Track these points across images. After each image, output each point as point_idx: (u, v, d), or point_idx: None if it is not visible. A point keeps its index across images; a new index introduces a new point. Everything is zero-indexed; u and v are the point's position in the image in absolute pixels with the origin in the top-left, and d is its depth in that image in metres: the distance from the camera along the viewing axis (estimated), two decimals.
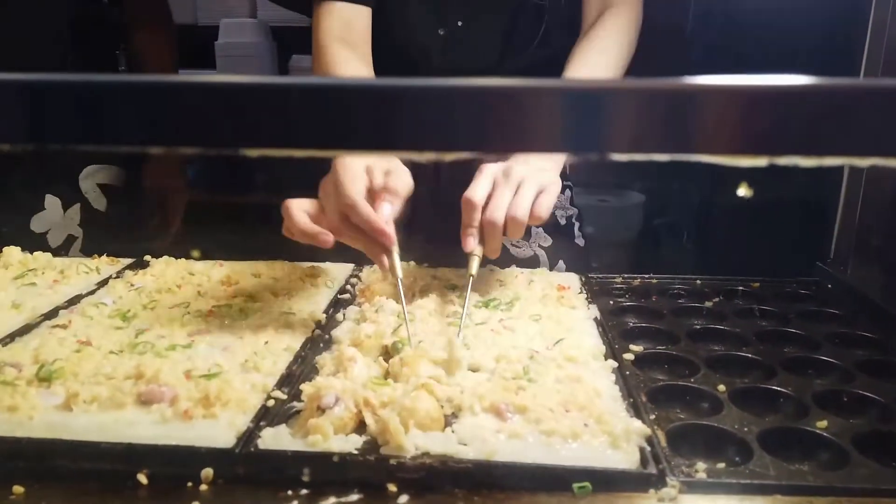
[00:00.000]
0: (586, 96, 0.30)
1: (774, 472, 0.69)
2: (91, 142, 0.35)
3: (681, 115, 0.28)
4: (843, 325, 1.09)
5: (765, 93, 0.28)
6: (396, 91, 0.31)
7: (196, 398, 0.79)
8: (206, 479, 0.70)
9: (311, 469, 0.70)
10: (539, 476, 0.69)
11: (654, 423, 0.78)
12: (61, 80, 0.34)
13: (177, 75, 0.34)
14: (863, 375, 0.91)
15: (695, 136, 0.28)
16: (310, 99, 0.31)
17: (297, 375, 0.89)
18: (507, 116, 0.29)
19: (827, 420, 0.79)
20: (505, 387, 0.83)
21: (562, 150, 0.31)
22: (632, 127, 0.29)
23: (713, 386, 0.87)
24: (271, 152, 0.33)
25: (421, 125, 0.31)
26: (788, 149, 0.28)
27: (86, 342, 0.95)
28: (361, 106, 0.32)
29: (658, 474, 0.69)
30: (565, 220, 1.49)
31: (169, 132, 0.35)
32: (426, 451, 0.71)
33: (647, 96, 0.29)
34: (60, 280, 1.22)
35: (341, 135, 0.32)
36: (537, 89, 0.30)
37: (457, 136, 0.31)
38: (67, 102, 0.35)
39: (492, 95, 0.30)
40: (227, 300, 1.12)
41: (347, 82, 0.31)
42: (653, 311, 1.14)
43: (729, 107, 0.28)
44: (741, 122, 0.28)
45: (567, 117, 0.30)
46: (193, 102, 0.34)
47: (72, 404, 0.79)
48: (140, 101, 0.35)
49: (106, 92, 0.34)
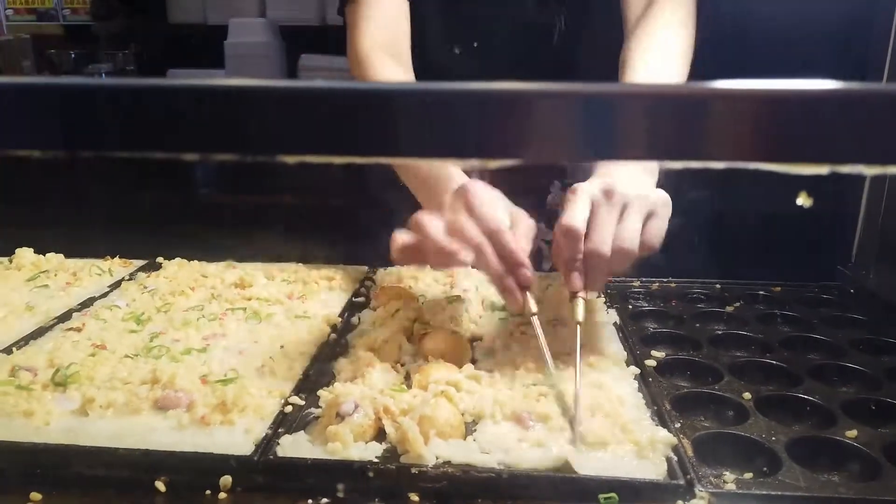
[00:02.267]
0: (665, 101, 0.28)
1: (805, 482, 0.68)
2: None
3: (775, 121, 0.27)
4: (867, 330, 1.07)
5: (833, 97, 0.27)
6: (462, 96, 0.30)
7: (213, 404, 0.78)
8: (224, 487, 0.69)
9: (331, 477, 0.69)
10: (564, 486, 0.68)
11: (680, 431, 0.76)
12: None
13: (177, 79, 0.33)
14: (890, 383, 0.89)
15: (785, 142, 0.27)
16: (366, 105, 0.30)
17: (313, 380, 0.88)
18: (569, 122, 0.28)
19: (856, 429, 0.77)
20: (525, 394, 0.82)
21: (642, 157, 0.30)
22: (717, 132, 0.27)
23: (738, 393, 0.85)
24: (325, 159, 0.32)
25: (484, 130, 0.30)
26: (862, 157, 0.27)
27: (100, 346, 0.94)
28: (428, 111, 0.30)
29: (686, 485, 0.67)
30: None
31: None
32: (447, 460, 0.70)
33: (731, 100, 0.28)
34: (73, 282, 1.21)
35: (404, 141, 0.31)
36: (615, 93, 0.28)
37: (528, 143, 0.29)
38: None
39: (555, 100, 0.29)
40: (242, 303, 1.11)
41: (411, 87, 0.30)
42: (673, 316, 1.12)
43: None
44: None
45: (645, 122, 0.28)
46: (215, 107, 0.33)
47: (88, 409, 0.78)
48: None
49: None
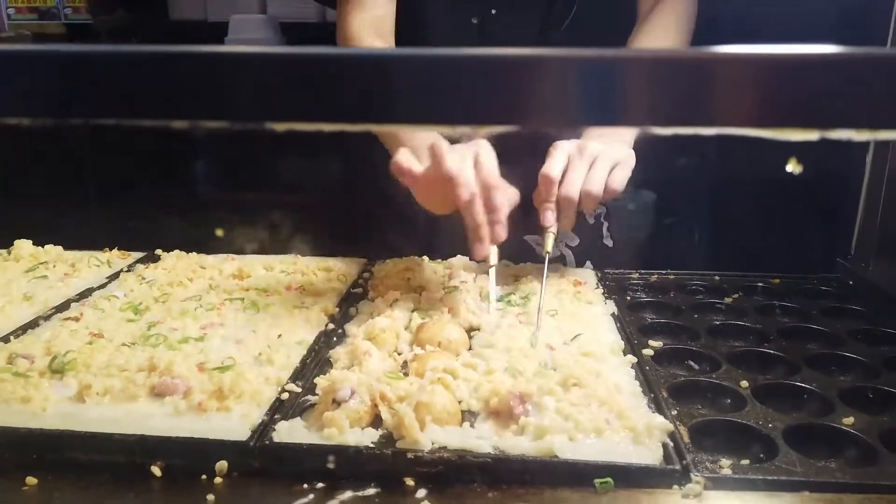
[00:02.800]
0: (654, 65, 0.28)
1: (802, 468, 0.68)
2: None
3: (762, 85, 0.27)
4: (866, 321, 1.07)
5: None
6: (462, 61, 0.30)
7: (210, 391, 0.78)
8: (220, 472, 0.69)
9: (326, 462, 0.69)
10: (560, 471, 0.68)
11: (677, 418, 0.76)
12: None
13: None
14: (888, 372, 0.89)
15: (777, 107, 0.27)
16: (360, 70, 0.30)
17: (311, 369, 0.88)
18: (560, 87, 0.28)
19: (854, 416, 0.77)
20: (524, 381, 0.81)
21: (624, 124, 0.30)
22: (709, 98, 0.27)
23: (735, 382, 0.85)
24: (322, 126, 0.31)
25: (480, 97, 0.30)
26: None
27: (98, 334, 0.94)
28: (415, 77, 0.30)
29: (682, 470, 0.67)
30: (593, 220, 1.45)
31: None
32: (443, 446, 0.70)
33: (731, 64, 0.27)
34: (71, 273, 1.21)
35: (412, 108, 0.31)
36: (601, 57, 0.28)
37: (516, 108, 0.29)
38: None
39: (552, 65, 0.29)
40: (240, 293, 1.11)
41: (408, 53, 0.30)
42: (671, 306, 1.12)
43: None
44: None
45: (634, 88, 0.28)
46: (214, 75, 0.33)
47: (85, 396, 0.78)
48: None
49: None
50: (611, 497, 0.66)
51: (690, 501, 0.65)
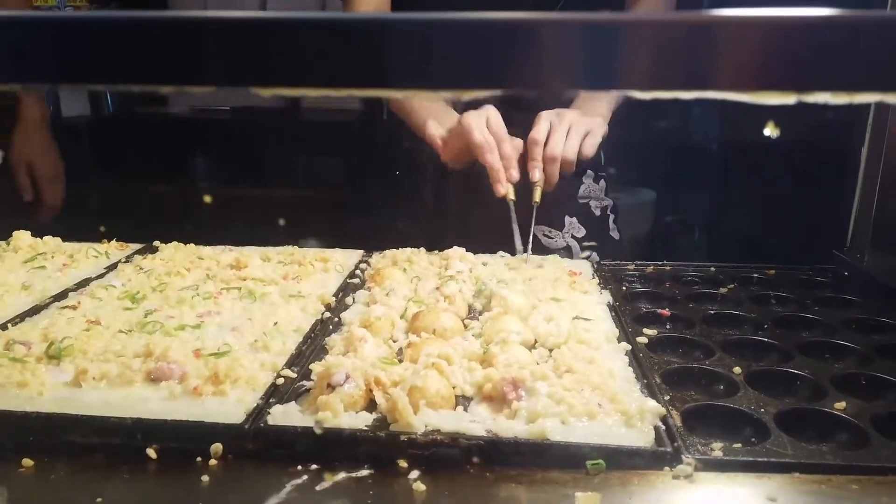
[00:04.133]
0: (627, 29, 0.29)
1: (792, 451, 0.68)
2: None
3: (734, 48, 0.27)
4: (860, 310, 1.07)
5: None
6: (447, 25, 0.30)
7: (205, 376, 0.79)
8: (215, 455, 0.69)
9: (320, 444, 0.69)
10: (552, 453, 0.68)
11: (669, 403, 0.77)
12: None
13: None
14: (881, 359, 0.89)
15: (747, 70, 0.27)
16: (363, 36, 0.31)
17: (306, 355, 0.88)
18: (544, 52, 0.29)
19: (845, 402, 0.77)
20: (518, 366, 0.82)
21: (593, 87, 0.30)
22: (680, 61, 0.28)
23: (729, 369, 0.86)
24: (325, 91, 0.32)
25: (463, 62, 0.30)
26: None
27: (95, 322, 0.95)
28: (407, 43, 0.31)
29: (673, 452, 0.67)
30: (600, 211, 1.49)
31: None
32: (437, 429, 0.70)
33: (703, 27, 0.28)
34: (70, 264, 1.22)
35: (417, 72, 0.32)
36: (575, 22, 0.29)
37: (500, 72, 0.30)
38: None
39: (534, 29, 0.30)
40: (237, 282, 1.11)
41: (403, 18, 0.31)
42: (667, 297, 1.13)
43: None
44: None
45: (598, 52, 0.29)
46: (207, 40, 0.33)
47: (81, 381, 0.79)
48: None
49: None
50: (602, 478, 0.66)
51: (681, 482, 0.65)
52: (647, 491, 0.64)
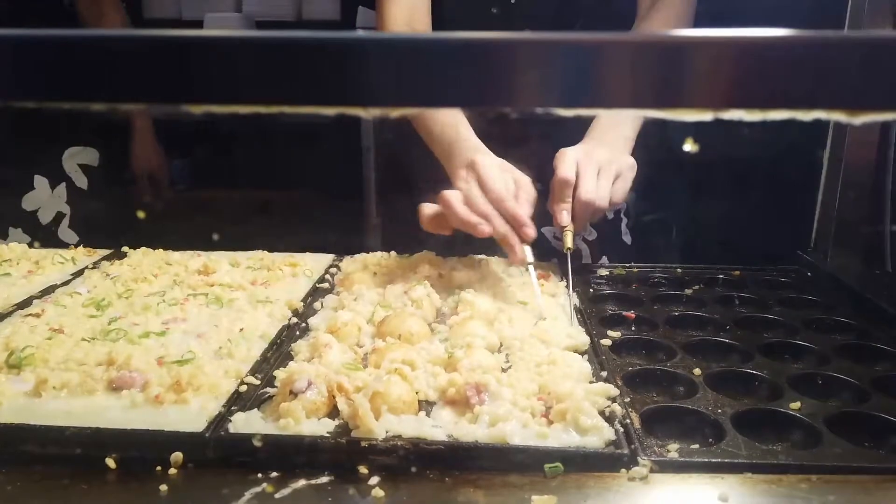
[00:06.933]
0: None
1: (746, 451, 0.69)
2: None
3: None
4: (821, 311, 1.09)
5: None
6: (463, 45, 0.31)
7: (167, 384, 0.78)
8: (175, 464, 0.69)
9: (280, 452, 0.69)
10: (511, 457, 0.69)
11: (629, 405, 0.78)
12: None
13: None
14: (838, 359, 0.91)
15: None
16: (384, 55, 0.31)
17: (271, 362, 0.88)
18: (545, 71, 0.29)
19: (800, 402, 0.79)
20: (481, 370, 0.82)
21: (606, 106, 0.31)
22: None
23: (689, 370, 0.87)
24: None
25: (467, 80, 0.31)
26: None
27: (58, 330, 0.94)
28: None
29: (630, 454, 0.68)
30: (613, 214, 1.44)
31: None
32: (398, 434, 0.71)
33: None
34: (35, 270, 1.20)
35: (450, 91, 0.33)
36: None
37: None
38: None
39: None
40: (204, 288, 1.11)
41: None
42: (633, 298, 1.14)
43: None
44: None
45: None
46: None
47: (41, 390, 0.78)
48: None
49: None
50: (560, 481, 0.67)
51: (636, 484, 0.66)
52: (602, 493, 0.65)
